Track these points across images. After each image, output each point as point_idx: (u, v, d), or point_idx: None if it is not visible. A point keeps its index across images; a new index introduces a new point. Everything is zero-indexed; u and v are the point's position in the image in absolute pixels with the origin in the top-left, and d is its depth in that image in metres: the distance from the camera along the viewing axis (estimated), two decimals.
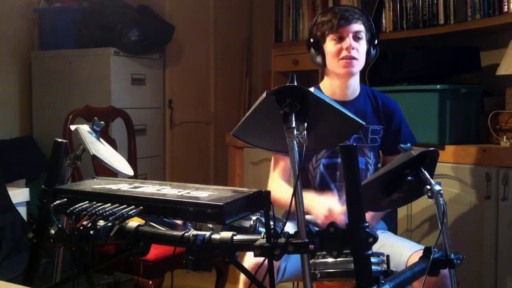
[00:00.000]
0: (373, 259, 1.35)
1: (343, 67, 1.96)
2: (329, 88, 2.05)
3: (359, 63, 1.98)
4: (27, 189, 2.75)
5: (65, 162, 1.55)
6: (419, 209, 2.44)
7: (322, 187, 2.01)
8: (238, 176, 3.21)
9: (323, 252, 1.34)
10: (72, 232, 1.28)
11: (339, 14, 1.96)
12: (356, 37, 1.95)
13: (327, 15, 1.99)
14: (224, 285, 2.72)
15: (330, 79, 2.05)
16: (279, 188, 2.01)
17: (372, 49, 2.01)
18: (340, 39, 1.95)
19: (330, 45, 1.97)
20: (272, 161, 2.11)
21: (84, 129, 1.62)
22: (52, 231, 1.41)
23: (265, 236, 1.23)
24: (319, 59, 2.02)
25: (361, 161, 2.00)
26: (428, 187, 1.44)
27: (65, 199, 1.37)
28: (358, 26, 1.95)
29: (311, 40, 2.03)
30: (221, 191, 1.34)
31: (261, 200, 1.28)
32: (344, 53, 1.94)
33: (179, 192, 1.33)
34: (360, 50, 1.96)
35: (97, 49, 3.30)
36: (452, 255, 1.46)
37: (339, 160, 2.00)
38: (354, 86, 2.05)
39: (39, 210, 1.44)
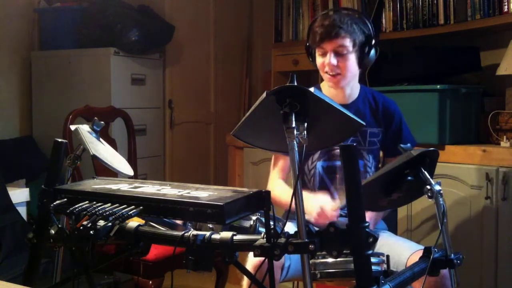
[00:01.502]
0: (373, 259, 1.35)
1: (328, 80, 1.99)
2: (327, 91, 2.06)
3: (344, 78, 1.97)
4: (27, 189, 2.74)
5: (65, 162, 1.55)
6: (419, 209, 2.44)
7: (322, 190, 2.01)
8: (238, 176, 3.21)
9: (323, 252, 1.34)
10: (72, 232, 1.28)
11: (322, 28, 1.92)
12: (339, 53, 1.92)
13: (316, 21, 1.97)
14: (224, 285, 2.72)
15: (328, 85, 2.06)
16: (277, 187, 2.02)
17: (366, 55, 1.97)
18: (323, 54, 1.96)
19: (317, 57, 2.00)
20: (272, 159, 2.12)
21: (84, 129, 1.62)
22: (52, 231, 1.41)
23: (265, 236, 1.23)
24: (314, 65, 2.04)
25: (359, 164, 2.00)
26: (428, 187, 1.44)
27: (65, 199, 1.37)
28: (340, 41, 1.91)
29: (307, 44, 2.04)
30: (221, 191, 1.34)
31: (261, 200, 1.28)
32: (326, 69, 1.96)
33: (179, 192, 1.33)
34: (344, 65, 1.93)
35: (97, 49, 3.30)
36: (452, 255, 1.46)
37: (338, 163, 2.01)
38: (351, 90, 2.05)
39: (39, 210, 1.44)
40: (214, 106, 4.13)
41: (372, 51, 2.00)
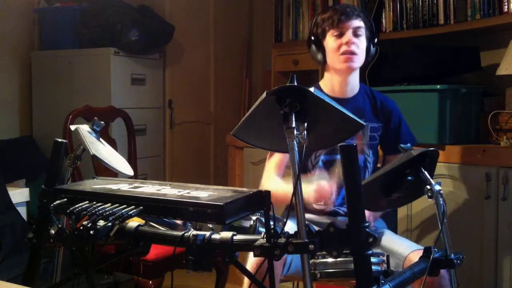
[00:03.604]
0: (373, 259, 1.35)
1: (344, 61, 1.97)
2: (328, 85, 2.06)
3: (359, 59, 1.99)
4: (27, 189, 2.74)
5: (65, 162, 1.55)
6: (419, 209, 2.44)
7: None
8: (238, 176, 3.21)
9: (323, 252, 1.34)
10: (72, 232, 1.28)
11: (339, 11, 1.98)
12: (356, 33, 1.97)
13: (327, 12, 2.02)
14: (224, 285, 2.72)
15: (330, 76, 2.05)
16: (270, 183, 2.00)
17: (372, 46, 2.03)
18: (340, 34, 1.97)
19: (330, 41, 1.99)
20: (268, 154, 2.10)
21: (84, 129, 1.62)
22: (52, 231, 1.41)
23: (265, 236, 1.23)
24: (319, 56, 2.03)
25: (360, 159, 2.01)
26: (428, 187, 1.44)
27: (65, 199, 1.37)
28: (358, 22, 1.97)
29: (312, 37, 2.04)
30: (221, 191, 1.34)
31: (261, 200, 1.28)
32: (344, 48, 1.96)
33: (179, 192, 1.33)
34: (360, 45, 1.97)
35: (97, 49, 3.30)
36: (452, 255, 1.46)
37: (337, 156, 2.00)
38: (354, 83, 2.06)
39: (39, 210, 1.44)
40: (214, 106, 4.13)
41: (373, 48, 2.04)
